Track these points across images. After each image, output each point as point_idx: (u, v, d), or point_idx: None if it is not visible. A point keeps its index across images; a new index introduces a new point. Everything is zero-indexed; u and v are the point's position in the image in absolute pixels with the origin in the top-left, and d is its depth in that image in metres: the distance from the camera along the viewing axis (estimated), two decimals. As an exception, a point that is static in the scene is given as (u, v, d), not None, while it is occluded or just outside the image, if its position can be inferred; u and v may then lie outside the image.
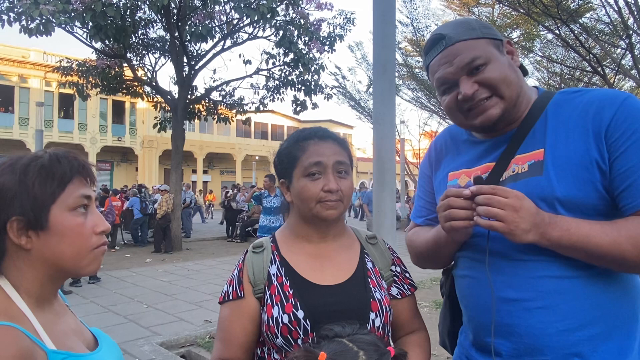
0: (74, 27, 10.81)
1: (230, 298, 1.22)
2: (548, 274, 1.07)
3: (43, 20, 9.46)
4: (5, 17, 9.74)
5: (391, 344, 1.27)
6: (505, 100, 1.13)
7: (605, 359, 1.05)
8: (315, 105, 14.04)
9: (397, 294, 1.30)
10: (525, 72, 1.26)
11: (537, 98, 1.20)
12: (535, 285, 1.08)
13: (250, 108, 14.83)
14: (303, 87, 13.38)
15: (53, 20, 9.54)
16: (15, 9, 9.57)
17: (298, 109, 13.95)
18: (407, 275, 1.35)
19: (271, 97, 14.32)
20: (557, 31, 10.24)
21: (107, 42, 11.39)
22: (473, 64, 1.12)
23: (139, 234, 13.41)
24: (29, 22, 9.61)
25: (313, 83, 13.32)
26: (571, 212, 1.06)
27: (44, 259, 0.86)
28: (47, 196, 0.86)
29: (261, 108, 14.78)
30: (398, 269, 1.34)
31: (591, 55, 10.13)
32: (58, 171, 0.88)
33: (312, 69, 12.76)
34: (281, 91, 13.97)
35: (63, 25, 10.06)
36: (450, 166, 1.31)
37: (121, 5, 10.21)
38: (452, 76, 1.15)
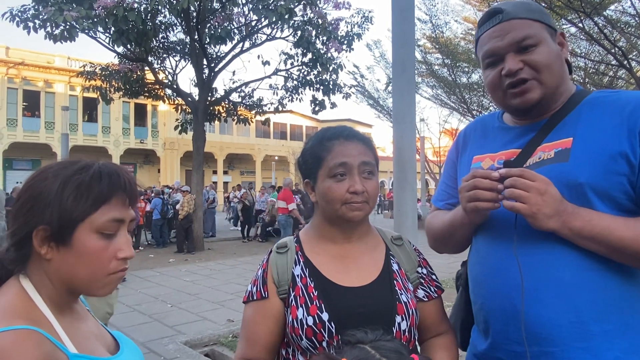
0: (97, 32, 11.04)
1: (254, 298, 1.21)
2: (564, 264, 1.06)
3: (67, 26, 9.69)
4: (31, 24, 10.01)
5: (417, 347, 1.26)
6: (545, 86, 1.13)
7: (617, 357, 1.03)
8: (333, 105, 14.03)
9: (423, 297, 1.28)
10: (570, 70, 1.26)
11: (573, 93, 1.20)
12: (550, 275, 1.07)
13: (269, 108, 14.90)
14: (321, 87, 13.36)
15: (77, 26, 9.76)
16: (41, 16, 9.82)
17: (317, 108, 13.95)
18: (433, 277, 1.33)
19: (290, 98, 14.36)
20: (580, 24, 10.01)
21: (129, 46, 11.60)
22: (524, 43, 1.13)
23: (160, 235, 13.60)
24: (54, 28, 9.86)
25: (331, 82, 13.29)
26: (595, 203, 1.05)
27: (60, 272, 0.86)
28: (77, 214, 0.84)
29: (280, 108, 14.84)
30: (424, 271, 1.32)
31: (616, 49, 9.86)
32: (95, 190, 0.86)
33: (330, 68, 12.73)
34: (300, 91, 13.98)
35: (86, 31, 10.29)
36: (476, 150, 1.32)
37: (142, 9, 10.37)
38: (501, 50, 1.16)
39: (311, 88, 13.55)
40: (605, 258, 1.04)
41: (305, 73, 13.45)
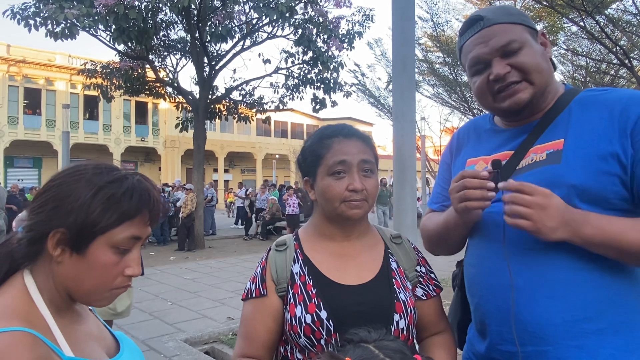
0: (98, 30, 11.06)
1: (253, 295, 1.21)
2: (557, 263, 1.07)
3: (68, 24, 9.70)
4: (32, 22, 10.01)
5: (416, 345, 1.26)
6: (534, 86, 1.14)
7: (611, 355, 1.04)
8: (334, 103, 14.03)
9: (422, 295, 1.28)
10: (554, 67, 1.27)
11: (563, 93, 1.21)
12: (543, 274, 1.08)
13: (270, 107, 14.89)
14: (322, 85, 13.36)
15: (77, 23, 9.76)
16: (42, 14, 9.82)
17: (317, 107, 13.94)
18: (432, 275, 1.33)
19: (290, 96, 14.35)
20: (581, 23, 9.98)
21: (129, 44, 11.60)
22: (508, 47, 1.14)
23: (161, 233, 13.61)
24: (55, 26, 9.86)
25: (332, 81, 13.29)
26: (587, 204, 1.05)
27: (66, 277, 0.86)
28: (100, 227, 0.84)
29: (281, 107, 14.83)
30: (423, 270, 1.32)
31: (618, 48, 9.84)
32: (124, 206, 0.85)
33: (331, 66, 12.72)
34: (300, 89, 13.97)
35: (87, 29, 10.30)
36: (470, 153, 1.33)
37: (143, 7, 10.36)
38: (487, 56, 1.16)
39: (312, 86, 13.55)
40: (597, 257, 1.05)
41: (306, 71, 13.44)
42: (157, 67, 13.48)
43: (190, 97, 13.33)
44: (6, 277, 0.86)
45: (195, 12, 11.44)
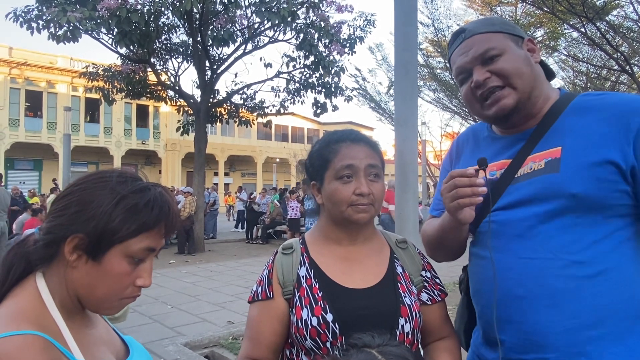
0: (100, 33, 11.07)
1: (260, 298, 1.22)
2: (556, 272, 1.07)
3: (70, 27, 9.73)
4: (34, 25, 10.04)
5: (420, 350, 1.27)
6: (517, 91, 1.16)
7: None
8: (335, 108, 14.06)
9: (427, 300, 1.29)
10: (552, 75, 1.29)
11: (558, 98, 1.21)
12: (543, 283, 1.08)
13: (271, 111, 14.92)
14: (323, 90, 13.39)
15: (80, 26, 9.78)
16: (44, 17, 9.85)
17: (318, 111, 13.97)
18: (437, 281, 1.34)
19: (292, 100, 14.37)
20: (582, 29, 10.00)
21: (131, 47, 11.63)
22: (487, 55, 1.17)
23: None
24: (57, 29, 9.89)
25: (333, 85, 13.33)
26: (589, 212, 1.05)
27: (79, 283, 0.86)
28: (119, 235, 0.84)
29: (282, 111, 14.85)
30: (428, 275, 1.33)
31: (618, 54, 9.86)
32: (144, 217, 0.86)
33: (333, 71, 12.76)
34: (302, 94, 13.99)
35: (89, 32, 10.31)
36: (469, 161, 1.33)
37: (145, 11, 10.40)
38: (468, 65, 1.20)
39: (313, 90, 13.57)
40: (597, 265, 1.05)
41: (307, 75, 13.47)
42: (159, 71, 13.50)
43: (191, 100, 13.36)
44: (20, 279, 0.87)
45: (198, 16, 11.48)
